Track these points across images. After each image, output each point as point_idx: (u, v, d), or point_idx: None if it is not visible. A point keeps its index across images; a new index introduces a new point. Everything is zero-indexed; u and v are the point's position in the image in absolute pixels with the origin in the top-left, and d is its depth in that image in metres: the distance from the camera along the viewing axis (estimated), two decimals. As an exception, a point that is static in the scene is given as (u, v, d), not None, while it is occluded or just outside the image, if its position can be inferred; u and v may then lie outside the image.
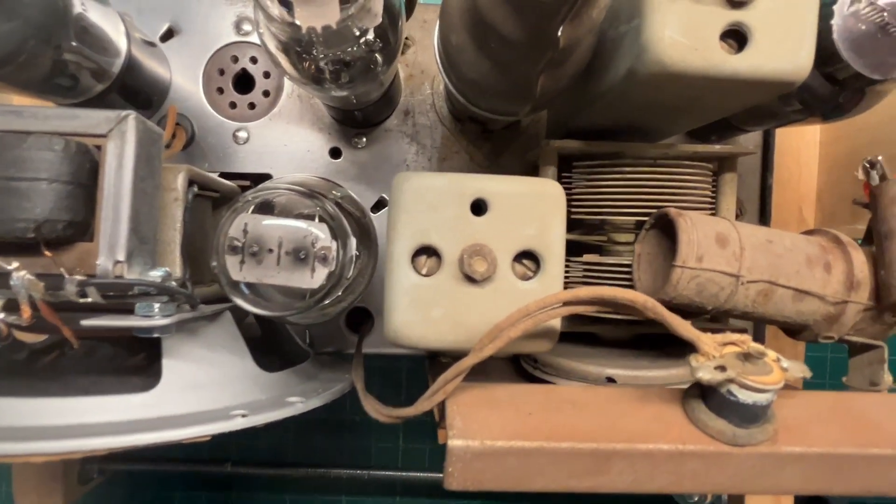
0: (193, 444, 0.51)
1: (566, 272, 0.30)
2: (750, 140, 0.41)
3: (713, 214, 0.30)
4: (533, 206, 0.22)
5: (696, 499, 0.34)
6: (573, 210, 0.31)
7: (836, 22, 0.24)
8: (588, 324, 0.32)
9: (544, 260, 0.22)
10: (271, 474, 0.45)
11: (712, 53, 0.20)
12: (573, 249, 0.31)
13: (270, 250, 0.24)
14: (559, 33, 0.18)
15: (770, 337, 0.40)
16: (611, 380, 0.28)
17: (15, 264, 0.21)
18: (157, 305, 0.23)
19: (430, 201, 0.21)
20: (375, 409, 0.26)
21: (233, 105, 0.39)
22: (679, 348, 0.33)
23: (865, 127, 0.38)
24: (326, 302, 0.28)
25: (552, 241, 0.22)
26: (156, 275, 0.23)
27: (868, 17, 0.24)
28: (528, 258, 0.22)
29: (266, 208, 0.24)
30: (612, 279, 0.29)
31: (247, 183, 0.38)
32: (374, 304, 0.39)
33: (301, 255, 0.24)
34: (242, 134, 0.39)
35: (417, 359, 0.34)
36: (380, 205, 0.39)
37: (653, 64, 0.20)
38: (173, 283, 0.23)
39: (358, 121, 0.38)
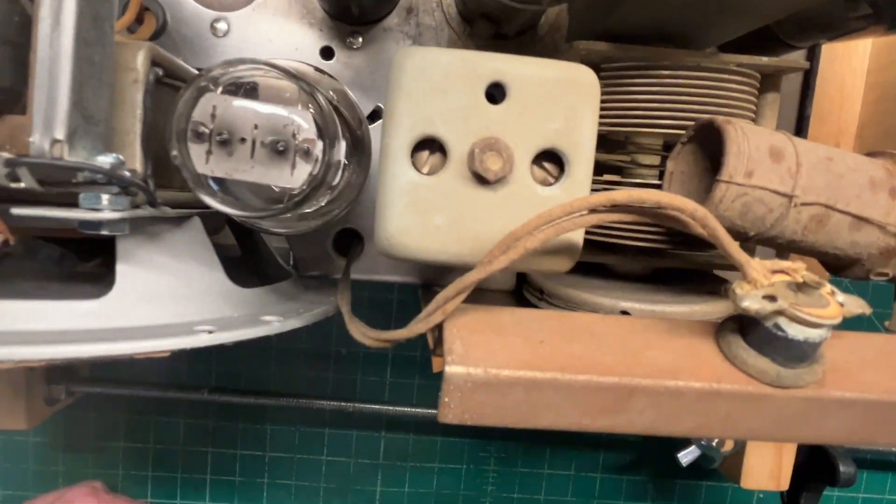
0: (172, 368, 0.48)
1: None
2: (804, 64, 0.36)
3: (756, 133, 0.26)
4: (561, 96, 0.18)
5: (712, 444, 0.32)
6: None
7: None
8: (601, 253, 0.29)
9: (570, 162, 0.18)
10: (251, 403, 0.43)
11: None
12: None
13: (243, 140, 0.20)
14: None
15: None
16: (626, 314, 0.25)
17: (-73, 135, 0.17)
18: (105, 197, 0.19)
19: (438, 83, 0.18)
20: (362, 333, 0.23)
21: (211, -9, 0.34)
22: (698, 285, 0.30)
23: (921, 54, 0.34)
24: (308, 210, 0.24)
25: (581, 139, 0.18)
26: (104, 160, 0.19)
27: None
28: (551, 160, 0.19)
29: (239, 89, 0.20)
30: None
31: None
32: (364, 225, 0.36)
33: (280, 148, 0.20)
34: (222, 25, 0.34)
35: (410, 289, 0.31)
36: (375, 115, 0.35)
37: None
38: (127, 174, 0.19)
39: (354, 16, 0.34)
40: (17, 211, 0.18)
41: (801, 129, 0.36)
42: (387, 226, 0.18)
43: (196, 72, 0.29)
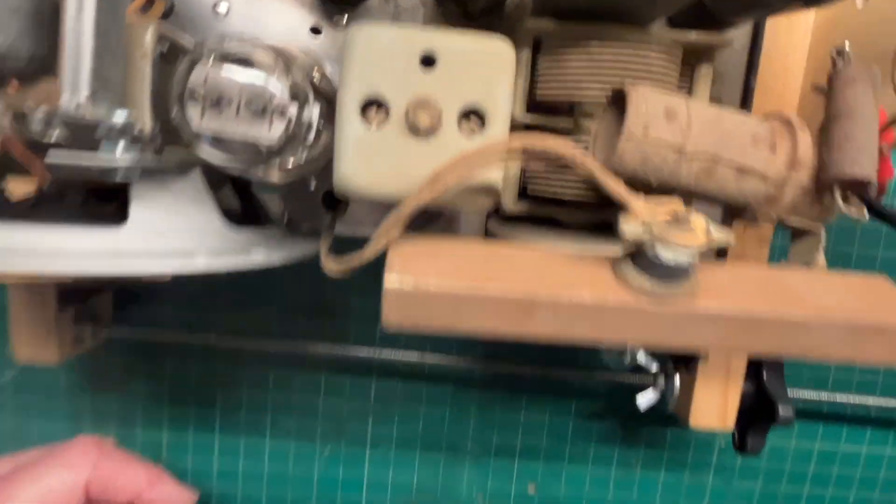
0: (186, 318, 0.53)
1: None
2: (737, 40, 0.40)
3: (677, 99, 0.30)
4: (482, 64, 0.22)
5: (623, 359, 0.36)
6: (539, 91, 0.31)
7: None
8: (546, 206, 0.33)
9: (489, 119, 0.22)
10: (256, 348, 0.48)
11: None
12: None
13: (230, 102, 0.24)
14: None
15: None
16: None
17: (-19, 95, 0.22)
18: (120, 147, 0.24)
19: (382, 53, 0.22)
20: (331, 263, 0.27)
21: (213, -25, 0.38)
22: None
23: (857, 29, 0.37)
24: (289, 166, 0.29)
25: (498, 99, 0.22)
26: (119, 117, 0.24)
27: None
28: (475, 117, 0.23)
29: (226, 59, 0.25)
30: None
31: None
32: (349, 185, 0.40)
33: (259, 109, 0.24)
34: (222, 7, 0.38)
35: None
36: (358, 86, 0.39)
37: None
38: (137, 127, 0.24)
39: (339, -3, 0.38)
40: (51, 158, 0.23)
41: (746, 100, 0.40)
42: (341, 169, 0.23)
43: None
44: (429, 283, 0.22)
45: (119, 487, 0.36)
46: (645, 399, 0.47)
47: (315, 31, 0.40)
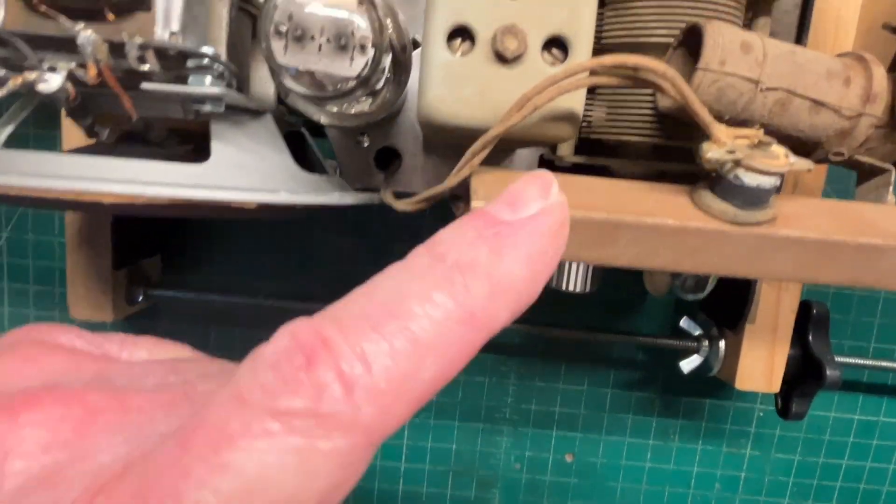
0: (230, 281, 0.54)
1: (589, 102, 0.31)
2: (789, 2, 0.40)
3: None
4: (566, -7, 0.22)
5: (695, 296, 0.36)
6: (603, 37, 0.31)
7: None
8: (605, 157, 0.33)
9: (572, 46, 0.23)
10: (300, 308, 0.49)
11: None
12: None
13: (313, 37, 0.25)
14: None
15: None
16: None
17: (82, 25, 0.23)
18: (208, 78, 0.25)
19: (468, -18, 0.22)
20: (404, 203, 0.28)
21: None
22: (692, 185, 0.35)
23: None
24: (360, 107, 0.29)
25: (582, 26, 0.23)
26: (207, 49, 0.24)
27: None
28: (558, 47, 0.23)
29: (310, -3, 0.25)
30: (633, 110, 0.30)
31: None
32: (402, 143, 0.41)
33: (342, 43, 0.25)
34: (280, -34, 0.39)
35: (439, 210, 0.35)
36: (413, 44, 0.39)
37: None
38: (224, 60, 0.25)
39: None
40: (145, 85, 0.24)
41: (797, 58, 0.40)
42: (427, 95, 0.23)
43: (264, -1, 0.34)
44: (514, 206, 0.22)
45: None
46: (689, 364, 0.47)
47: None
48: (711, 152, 0.22)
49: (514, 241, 0.16)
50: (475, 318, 0.15)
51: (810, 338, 0.45)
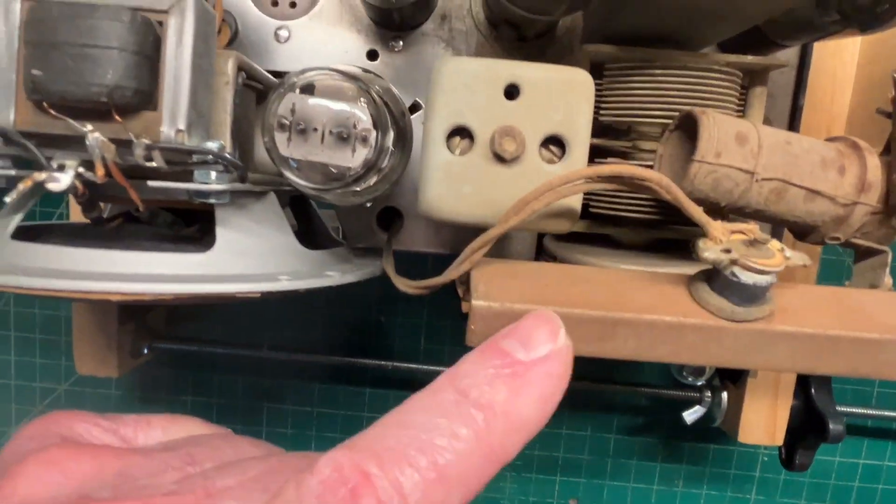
0: (233, 331, 0.54)
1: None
2: (786, 60, 0.40)
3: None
4: (562, 93, 0.23)
5: (695, 380, 0.37)
6: (601, 114, 0.32)
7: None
8: (605, 225, 0.34)
9: (570, 145, 0.23)
10: (302, 360, 0.49)
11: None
12: (599, 155, 0.33)
13: (315, 129, 0.26)
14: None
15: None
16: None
17: (90, 127, 0.23)
18: (213, 173, 0.25)
19: (467, 84, 0.23)
20: (405, 284, 0.28)
21: (274, 3, 0.40)
22: (689, 254, 0.35)
23: (906, 49, 0.38)
24: (360, 187, 0.30)
25: (578, 126, 0.23)
26: (212, 145, 0.25)
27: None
28: (555, 144, 0.24)
29: (311, 90, 0.26)
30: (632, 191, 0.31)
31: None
32: (404, 204, 0.41)
33: (343, 136, 0.26)
34: (283, 33, 0.40)
35: (441, 259, 0.36)
36: (414, 108, 0.40)
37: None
38: (229, 155, 0.25)
39: (395, 23, 0.39)
40: (152, 184, 0.24)
41: (794, 118, 0.40)
42: (428, 193, 0.24)
43: (268, 75, 0.35)
44: (514, 302, 0.23)
45: None
46: (692, 415, 0.47)
47: (372, 55, 0.41)
48: (708, 252, 0.22)
49: (528, 381, 0.18)
50: (493, 453, 0.17)
51: (813, 391, 0.45)
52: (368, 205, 0.41)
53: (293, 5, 0.40)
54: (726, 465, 0.56)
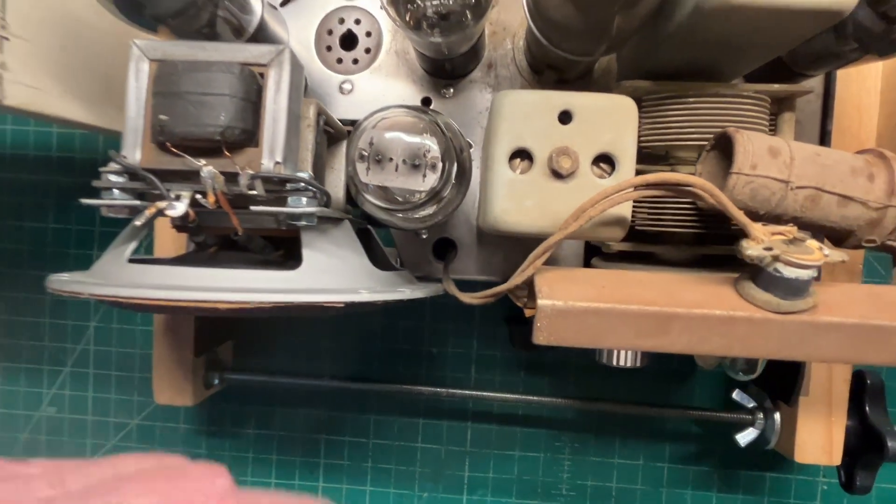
0: (296, 366, 0.57)
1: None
2: (811, 87, 0.43)
3: (769, 142, 0.33)
4: (610, 116, 0.26)
5: (747, 376, 0.38)
6: (640, 143, 0.35)
7: (885, -40, 0.27)
8: (651, 244, 0.36)
9: (618, 162, 0.26)
10: (360, 389, 0.52)
11: (767, -17, 0.24)
12: (640, 178, 0.35)
13: (391, 159, 0.29)
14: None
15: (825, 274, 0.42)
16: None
17: (203, 161, 0.28)
18: (304, 199, 0.29)
19: (525, 112, 0.26)
20: (470, 297, 0.31)
21: (339, 60, 0.45)
22: (735, 268, 0.37)
23: (927, 73, 0.40)
24: (425, 212, 0.33)
25: (626, 144, 0.26)
26: (304, 175, 0.29)
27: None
28: (605, 161, 0.27)
29: (387, 126, 0.30)
30: (675, 206, 0.33)
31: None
32: (458, 235, 0.45)
33: (415, 163, 0.29)
34: (347, 86, 0.45)
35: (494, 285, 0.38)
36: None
37: (715, -6, 0.25)
38: (316, 184, 0.29)
39: (447, 72, 0.44)
40: (254, 208, 0.28)
41: (823, 142, 0.42)
42: (494, 209, 0.27)
43: (337, 121, 0.39)
44: (577, 301, 0.25)
45: None
46: (746, 437, 0.47)
47: (426, 102, 0.46)
48: (751, 249, 0.25)
49: None
50: None
51: (867, 409, 0.45)
52: (424, 236, 0.44)
53: (355, 62, 0.45)
54: (785, 495, 0.55)
